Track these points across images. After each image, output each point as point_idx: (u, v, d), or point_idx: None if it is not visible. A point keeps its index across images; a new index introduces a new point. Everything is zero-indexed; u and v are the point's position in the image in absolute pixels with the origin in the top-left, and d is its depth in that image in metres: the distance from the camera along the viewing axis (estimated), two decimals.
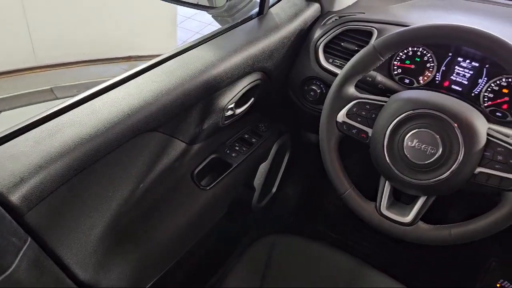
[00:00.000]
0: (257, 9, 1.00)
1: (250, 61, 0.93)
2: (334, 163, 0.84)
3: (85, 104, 0.72)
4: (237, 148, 1.10)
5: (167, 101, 0.77)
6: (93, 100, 0.73)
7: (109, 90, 0.75)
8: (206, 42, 0.91)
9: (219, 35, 0.93)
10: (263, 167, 1.23)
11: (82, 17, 2.67)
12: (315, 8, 1.06)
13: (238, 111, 1.01)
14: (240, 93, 0.97)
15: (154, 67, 0.81)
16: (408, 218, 0.80)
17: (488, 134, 0.73)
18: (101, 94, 0.74)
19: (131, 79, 0.78)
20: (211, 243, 1.17)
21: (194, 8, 1.03)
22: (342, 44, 1.01)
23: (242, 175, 1.12)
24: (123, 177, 0.80)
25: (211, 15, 1.10)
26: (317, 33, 1.04)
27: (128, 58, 2.89)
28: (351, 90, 0.82)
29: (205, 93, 0.86)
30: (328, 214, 1.65)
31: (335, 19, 1.03)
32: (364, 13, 1.03)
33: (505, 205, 0.72)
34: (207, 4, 1.02)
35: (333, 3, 1.07)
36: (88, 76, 2.69)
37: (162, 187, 0.91)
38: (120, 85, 0.77)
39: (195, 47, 0.88)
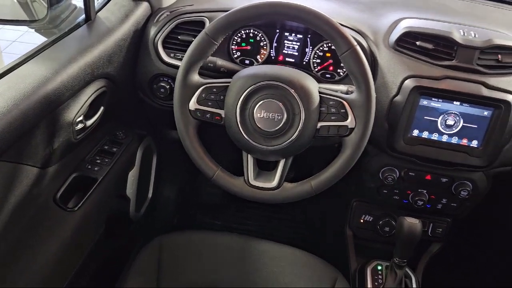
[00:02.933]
0: (83, 16, 0.96)
1: (89, 69, 0.89)
2: (197, 150, 0.87)
3: None
4: (98, 161, 1.06)
5: (3, 126, 0.70)
6: None
7: None
8: (35, 56, 0.84)
9: (47, 48, 0.87)
10: (132, 175, 1.20)
11: None
12: (144, 7, 1.06)
13: (89, 122, 0.97)
14: (87, 104, 0.93)
15: None
16: (274, 183, 0.87)
17: (320, 93, 0.84)
18: None
19: None
20: (98, 263, 1.11)
21: (12, 24, 0.95)
22: (179, 37, 1.04)
23: (112, 187, 1.08)
24: None
25: (34, 30, 1.02)
26: (152, 31, 1.05)
27: None
28: (196, 77, 0.86)
29: (46, 110, 0.80)
30: (209, 204, 1.69)
31: (167, 15, 1.05)
32: (192, 5, 1.07)
33: (346, 149, 0.84)
34: (27, 18, 0.94)
35: (161, 0, 1.09)
36: None
37: (23, 220, 0.83)
38: None
39: (23, 64, 0.82)
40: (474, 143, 0.98)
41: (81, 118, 0.92)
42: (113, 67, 0.98)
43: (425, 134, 0.99)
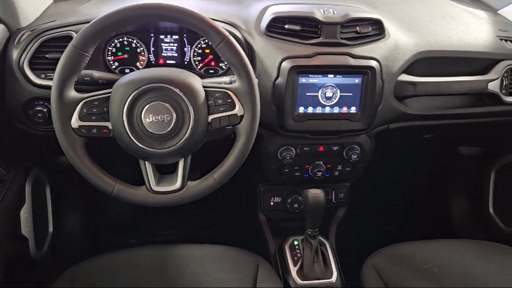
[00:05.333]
0: None
1: None
2: (90, 168, 0.83)
3: None
4: None
5: None
6: None
7: None
8: None
9: None
10: (24, 212, 1.10)
11: None
12: (0, 29, 0.97)
13: None
14: None
15: None
16: (178, 184, 0.86)
17: (204, 87, 0.85)
18: None
19: None
20: None
21: None
22: (47, 56, 0.97)
23: (2, 229, 0.98)
24: None
25: None
26: (15, 53, 0.96)
27: None
28: (72, 93, 0.81)
29: None
30: (119, 223, 1.62)
31: (28, 34, 0.98)
32: (55, 20, 1.01)
33: (240, 136, 0.86)
34: None
35: (18, 20, 1.00)
36: None
37: None
38: None
39: None
40: (353, 109, 1.07)
41: None
42: None
43: (310, 110, 1.06)
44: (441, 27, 1.18)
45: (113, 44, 1.04)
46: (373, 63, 1.03)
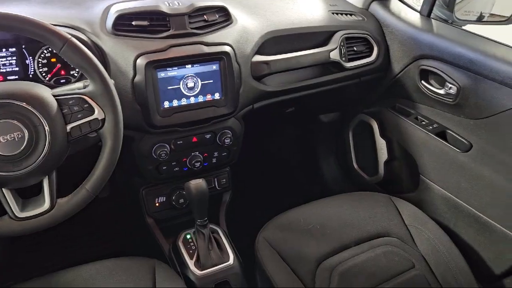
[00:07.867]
0: None
1: None
2: None
3: None
4: None
5: None
6: None
7: None
8: None
9: None
10: None
11: None
12: None
13: None
14: None
15: None
16: (47, 204, 0.80)
17: (55, 96, 0.79)
18: None
19: None
20: None
21: None
22: None
23: None
24: None
25: None
26: None
27: None
28: None
29: None
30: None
31: None
32: None
33: (106, 140, 0.82)
34: None
35: None
36: None
37: None
38: None
39: None
40: (217, 96, 1.10)
41: None
42: None
43: (175, 103, 1.06)
44: (281, 8, 1.28)
45: None
46: (227, 48, 1.07)
